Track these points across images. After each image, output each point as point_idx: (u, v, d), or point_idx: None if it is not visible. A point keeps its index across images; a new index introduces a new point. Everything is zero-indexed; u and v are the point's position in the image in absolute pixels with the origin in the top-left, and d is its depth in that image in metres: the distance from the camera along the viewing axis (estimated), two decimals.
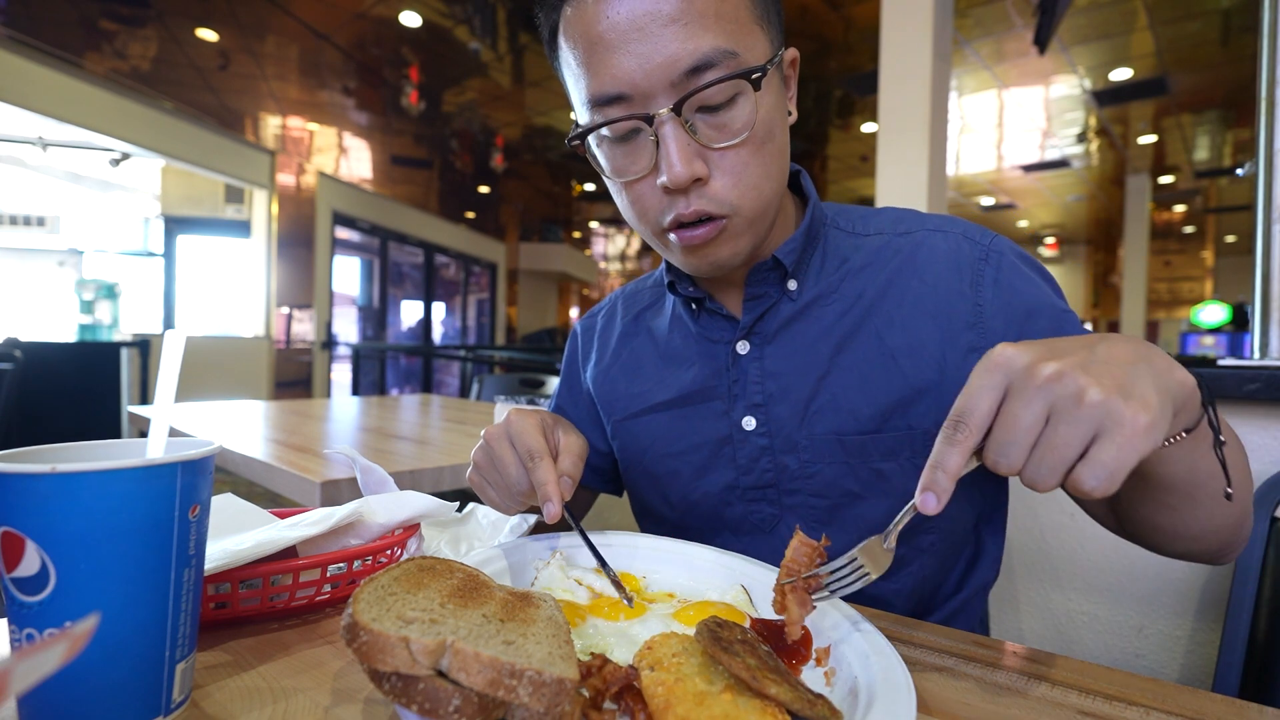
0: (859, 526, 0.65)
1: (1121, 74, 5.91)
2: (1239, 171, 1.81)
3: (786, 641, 0.43)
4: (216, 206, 6.88)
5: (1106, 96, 6.44)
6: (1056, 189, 9.82)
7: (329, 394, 7.67)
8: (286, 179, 6.93)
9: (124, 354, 4.75)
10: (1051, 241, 13.64)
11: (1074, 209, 11.11)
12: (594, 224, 13.19)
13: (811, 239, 0.68)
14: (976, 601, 0.71)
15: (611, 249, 15.47)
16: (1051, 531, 1.16)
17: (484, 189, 9.83)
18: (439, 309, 10.58)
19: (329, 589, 0.53)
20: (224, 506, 0.60)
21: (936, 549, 0.66)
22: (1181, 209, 11.07)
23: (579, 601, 0.50)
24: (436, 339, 10.52)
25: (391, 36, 5.44)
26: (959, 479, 0.39)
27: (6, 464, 0.32)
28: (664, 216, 0.59)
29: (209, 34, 5.14)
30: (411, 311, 10.28)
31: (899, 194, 3.27)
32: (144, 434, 0.59)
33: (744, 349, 0.68)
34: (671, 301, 0.77)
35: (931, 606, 0.69)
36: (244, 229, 6.95)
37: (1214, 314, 10.21)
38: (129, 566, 0.34)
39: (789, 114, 0.63)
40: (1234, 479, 0.48)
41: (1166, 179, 9.40)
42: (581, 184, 9.95)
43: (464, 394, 7.44)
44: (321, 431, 1.54)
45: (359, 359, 7.19)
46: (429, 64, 5.99)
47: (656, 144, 0.56)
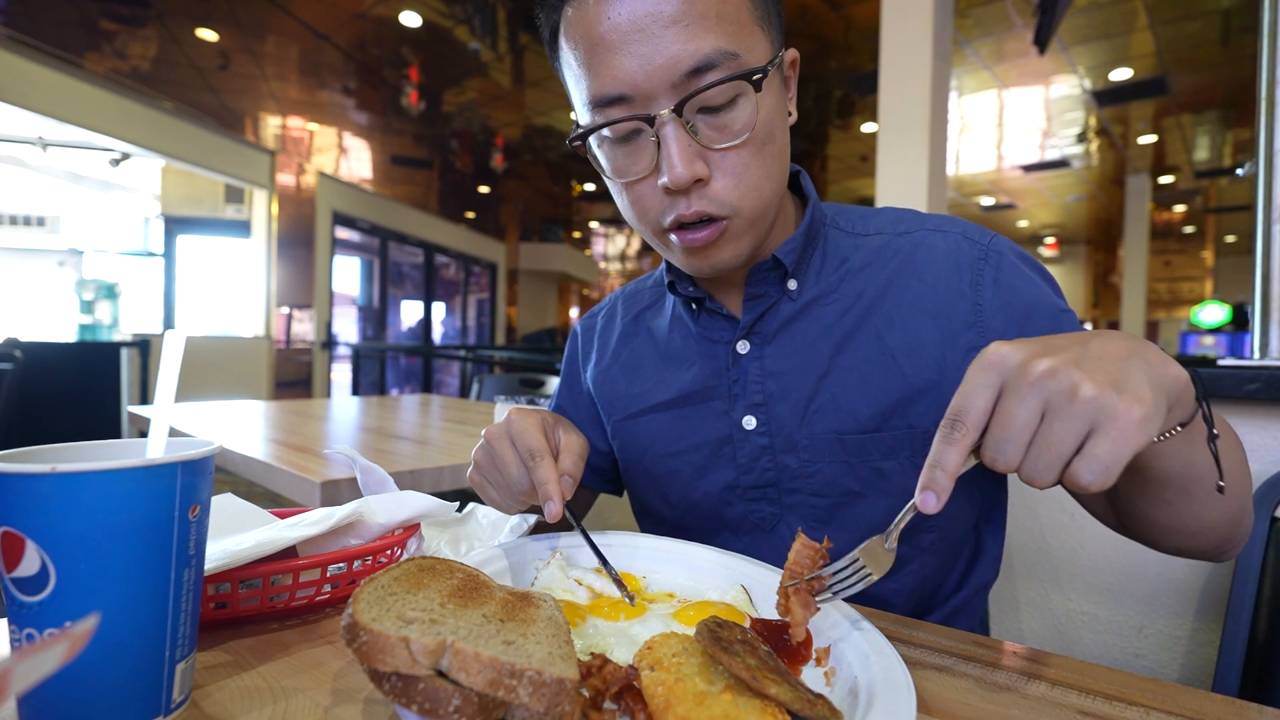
0: (859, 525, 0.65)
1: (1121, 74, 5.91)
2: (1239, 171, 1.81)
3: (788, 642, 0.43)
4: (216, 206, 6.88)
5: (1106, 96, 6.44)
6: (1056, 189, 9.82)
7: (329, 394, 7.67)
8: (286, 179, 6.93)
9: (124, 354, 4.75)
10: (1051, 241, 13.64)
11: (1074, 209, 11.11)
12: (594, 224, 13.19)
13: (811, 239, 0.68)
14: (977, 601, 0.71)
15: (611, 249, 15.47)
16: (1051, 531, 1.16)
17: (484, 189, 9.83)
18: (439, 309, 10.57)
19: (329, 589, 0.53)
20: (224, 506, 0.60)
21: (937, 548, 0.66)
22: (1181, 209, 11.07)
23: (579, 601, 0.50)
24: (436, 339, 10.52)
25: (391, 36, 5.44)
26: (958, 477, 0.39)
27: (6, 464, 0.32)
28: (665, 217, 0.59)
29: (209, 34, 5.14)
30: (411, 311, 10.28)
31: (899, 194, 3.27)
32: (144, 434, 0.59)
33: (744, 349, 0.68)
34: (671, 301, 0.77)
35: (932, 605, 0.69)
36: (244, 229, 6.95)
37: (1214, 314, 10.23)
38: (129, 566, 0.34)
39: (789, 114, 0.63)
40: (1231, 474, 0.49)
41: (1166, 179, 9.40)
42: (581, 184, 9.95)
43: (464, 394, 7.44)
44: (321, 431, 1.54)
45: (359, 359, 7.19)
46: (429, 64, 5.99)
47: (657, 145, 0.56)
